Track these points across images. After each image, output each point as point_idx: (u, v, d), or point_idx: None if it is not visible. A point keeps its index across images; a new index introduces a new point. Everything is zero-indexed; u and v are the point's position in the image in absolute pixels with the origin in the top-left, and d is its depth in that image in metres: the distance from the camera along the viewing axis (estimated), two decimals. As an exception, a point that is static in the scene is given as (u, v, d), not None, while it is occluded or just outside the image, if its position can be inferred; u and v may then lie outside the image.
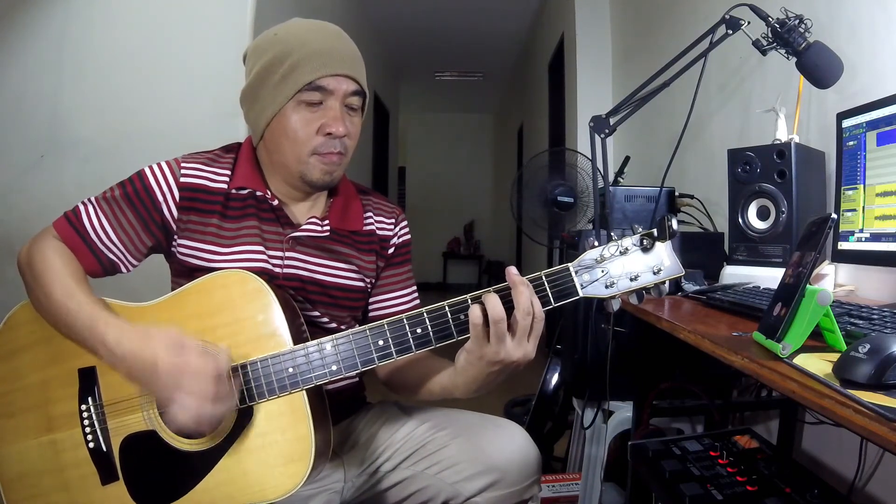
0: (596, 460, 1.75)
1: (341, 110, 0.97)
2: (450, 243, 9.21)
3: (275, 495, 0.84)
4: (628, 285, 0.80)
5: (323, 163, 0.98)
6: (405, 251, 1.15)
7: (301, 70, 0.94)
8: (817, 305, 0.64)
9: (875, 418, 0.49)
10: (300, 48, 0.95)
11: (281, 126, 0.97)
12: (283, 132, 0.97)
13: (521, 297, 0.79)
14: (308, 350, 0.85)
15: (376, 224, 1.11)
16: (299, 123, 0.96)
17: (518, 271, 0.80)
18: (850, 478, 1.18)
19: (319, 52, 0.95)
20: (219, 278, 0.90)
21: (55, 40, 2.32)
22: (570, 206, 2.20)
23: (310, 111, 0.96)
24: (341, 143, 0.98)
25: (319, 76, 0.95)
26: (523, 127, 6.82)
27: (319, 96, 0.96)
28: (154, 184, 0.98)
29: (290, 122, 0.96)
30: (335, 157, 0.98)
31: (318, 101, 0.96)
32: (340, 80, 0.97)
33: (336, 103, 0.97)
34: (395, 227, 1.13)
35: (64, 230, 0.96)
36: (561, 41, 4.09)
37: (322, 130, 0.96)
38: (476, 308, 0.79)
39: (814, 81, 1.22)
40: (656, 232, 0.80)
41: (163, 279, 1.04)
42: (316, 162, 0.98)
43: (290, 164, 0.98)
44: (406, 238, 1.15)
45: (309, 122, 0.96)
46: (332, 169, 0.99)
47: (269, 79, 0.96)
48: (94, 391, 0.89)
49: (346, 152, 1.01)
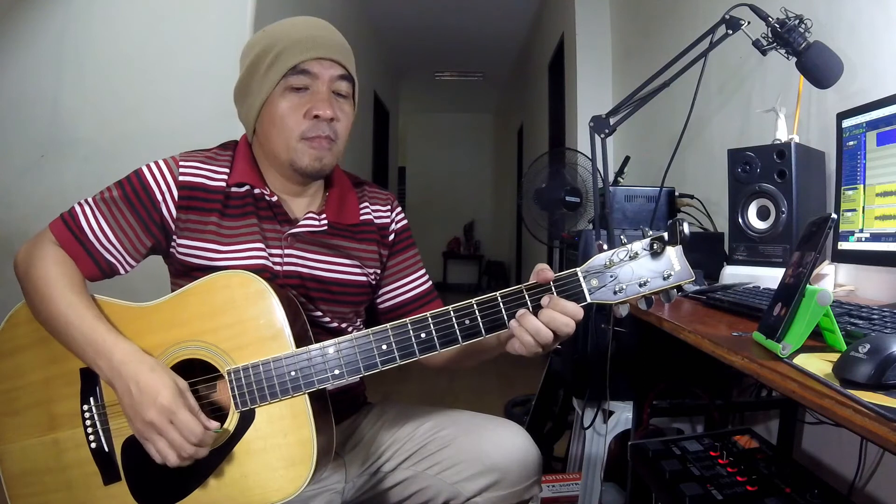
0: (596, 460, 1.75)
1: (328, 94, 0.97)
2: (450, 243, 9.21)
3: (276, 498, 0.84)
4: (637, 291, 0.79)
5: (311, 147, 0.97)
6: (406, 236, 1.14)
7: (286, 56, 0.95)
8: (817, 305, 0.64)
9: (875, 418, 0.49)
10: (285, 38, 0.96)
11: (270, 114, 0.97)
12: (271, 120, 0.97)
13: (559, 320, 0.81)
14: (311, 353, 0.85)
15: (373, 213, 1.11)
16: (286, 109, 0.96)
17: (548, 265, 0.81)
18: (850, 478, 1.18)
19: (304, 38, 0.96)
20: (221, 279, 0.90)
21: (55, 40, 2.32)
22: (577, 205, 2.20)
23: (297, 96, 0.96)
24: (330, 128, 0.98)
25: (303, 59, 0.95)
26: (523, 127, 6.82)
27: (305, 80, 0.96)
28: (153, 183, 0.97)
29: (277, 109, 0.96)
30: (324, 142, 0.97)
31: (304, 85, 0.96)
32: (326, 64, 0.97)
33: (323, 87, 0.97)
34: (391, 214, 1.13)
35: (61, 233, 0.94)
36: (561, 41, 4.09)
37: (309, 114, 0.96)
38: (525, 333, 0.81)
39: (814, 81, 1.23)
40: (667, 236, 0.78)
41: (164, 279, 1.04)
42: (304, 147, 0.97)
43: (279, 152, 0.98)
44: (404, 223, 1.15)
45: (296, 107, 0.96)
46: (321, 154, 0.98)
47: (258, 70, 0.97)
48: (96, 391, 0.89)
49: (337, 138, 0.99)
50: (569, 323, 0.80)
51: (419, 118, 9.22)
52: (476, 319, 0.82)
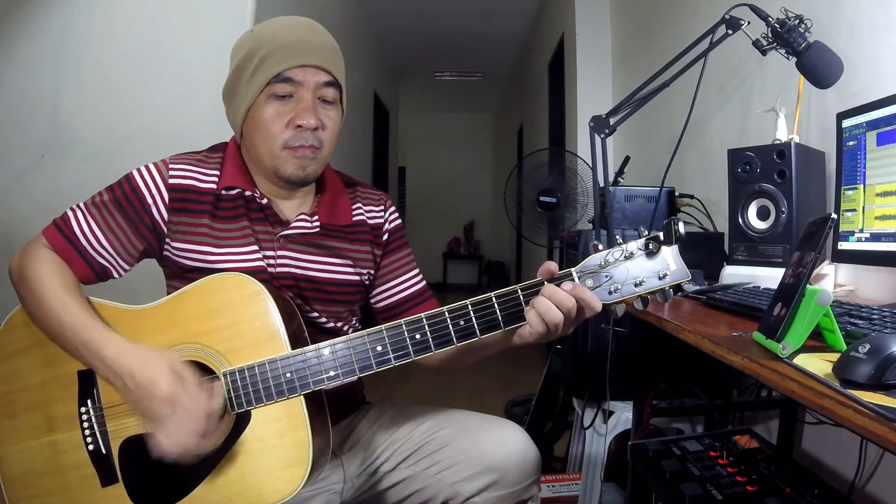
0: (596, 460, 1.75)
1: (313, 102, 0.96)
2: (450, 243, 9.21)
3: (274, 499, 0.84)
4: (633, 291, 0.79)
5: (295, 157, 0.96)
6: (399, 235, 1.14)
7: (269, 62, 0.94)
8: (817, 305, 0.64)
9: (875, 418, 0.49)
10: (270, 41, 0.95)
11: (254, 121, 0.97)
12: (255, 127, 0.97)
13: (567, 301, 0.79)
14: (306, 355, 0.85)
15: (366, 214, 1.10)
16: (270, 117, 0.95)
17: (556, 263, 0.81)
18: (850, 478, 1.18)
19: (289, 43, 0.95)
20: (216, 281, 0.90)
21: (55, 40, 2.32)
22: (555, 206, 2.20)
23: (281, 104, 0.95)
24: (314, 136, 0.97)
25: (287, 67, 0.94)
26: (523, 127, 6.81)
27: (289, 88, 0.95)
28: (143, 186, 0.97)
29: (261, 117, 0.96)
30: (308, 151, 0.97)
31: (288, 93, 0.95)
32: (310, 72, 0.96)
33: (307, 95, 0.96)
34: (384, 214, 1.12)
35: (54, 238, 0.94)
36: (561, 41, 4.09)
37: (292, 123, 0.95)
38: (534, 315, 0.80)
39: (814, 81, 1.22)
40: (662, 236, 0.78)
41: (163, 281, 1.04)
42: (288, 156, 0.96)
43: (264, 159, 0.98)
44: (397, 223, 1.15)
45: (279, 115, 0.95)
46: (304, 163, 0.97)
47: (243, 74, 0.96)
48: (94, 393, 0.89)
49: (322, 146, 0.98)
50: (565, 302, 0.79)
51: (419, 118, 9.21)
52: (471, 320, 0.82)
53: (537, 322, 0.79)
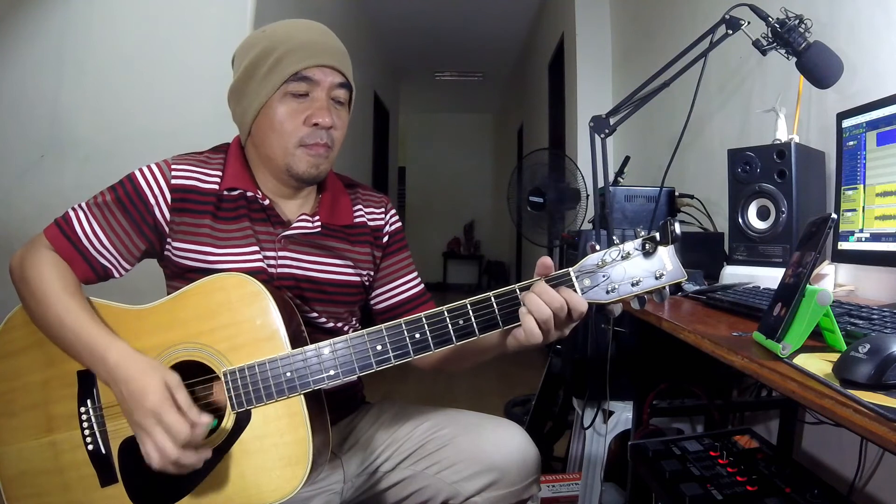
0: (596, 460, 1.75)
1: (328, 101, 0.98)
2: (450, 243, 9.21)
3: (273, 498, 0.84)
4: (630, 290, 0.79)
5: (309, 154, 0.98)
6: (399, 238, 1.15)
7: (287, 61, 0.95)
8: (817, 305, 0.64)
9: (875, 418, 0.49)
10: (287, 41, 0.96)
11: (268, 118, 0.97)
12: (269, 124, 0.97)
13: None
14: (306, 354, 0.85)
15: (367, 216, 1.11)
16: (286, 115, 0.96)
17: (551, 261, 0.81)
18: (850, 478, 1.18)
19: (305, 44, 0.96)
20: (217, 281, 0.90)
21: (55, 40, 2.32)
22: (541, 206, 2.21)
23: (296, 102, 0.96)
24: (328, 135, 0.98)
25: (305, 66, 0.95)
26: (523, 127, 6.82)
27: (305, 87, 0.96)
28: (145, 186, 0.97)
29: (276, 114, 0.96)
30: (322, 150, 0.98)
31: (304, 91, 0.96)
32: (326, 72, 0.97)
33: (322, 94, 0.97)
34: (385, 216, 1.13)
35: (56, 238, 0.94)
36: (561, 41, 4.09)
37: (308, 121, 0.96)
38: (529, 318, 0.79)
39: (814, 81, 1.22)
40: (658, 236, 0.79)
41: (163, 280, 1.04)
42: (302, 154, 0.97)
43: (276, 156, 0.98)
44: (398, 225, 1.15)
45: (295, 112, 0.96)
46: (318, 161, 0.99)
47: (257, 73, 0.96)
48: (93, 393, 0.89)
49: (333, 145, 1.00)
50: (554, 300, 0.78)
51: (419, 118, 9.21)
52: (470, 319, 0.82)
53: (528, 319, 0.79)
